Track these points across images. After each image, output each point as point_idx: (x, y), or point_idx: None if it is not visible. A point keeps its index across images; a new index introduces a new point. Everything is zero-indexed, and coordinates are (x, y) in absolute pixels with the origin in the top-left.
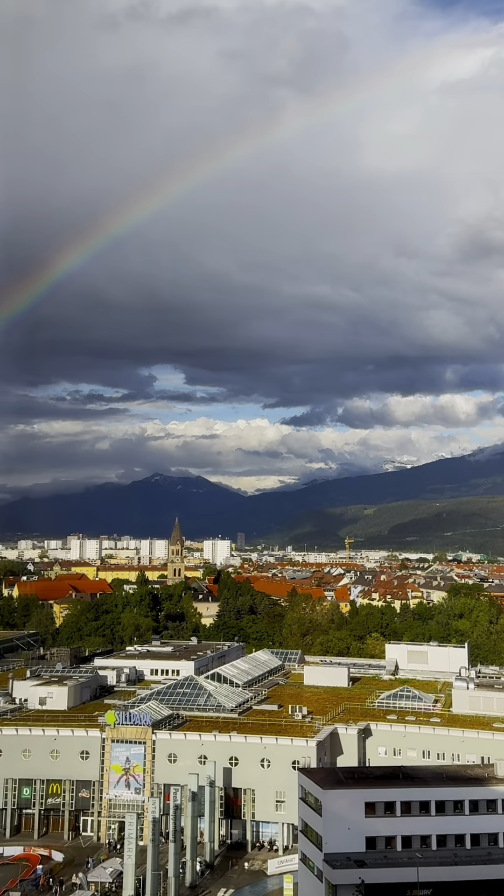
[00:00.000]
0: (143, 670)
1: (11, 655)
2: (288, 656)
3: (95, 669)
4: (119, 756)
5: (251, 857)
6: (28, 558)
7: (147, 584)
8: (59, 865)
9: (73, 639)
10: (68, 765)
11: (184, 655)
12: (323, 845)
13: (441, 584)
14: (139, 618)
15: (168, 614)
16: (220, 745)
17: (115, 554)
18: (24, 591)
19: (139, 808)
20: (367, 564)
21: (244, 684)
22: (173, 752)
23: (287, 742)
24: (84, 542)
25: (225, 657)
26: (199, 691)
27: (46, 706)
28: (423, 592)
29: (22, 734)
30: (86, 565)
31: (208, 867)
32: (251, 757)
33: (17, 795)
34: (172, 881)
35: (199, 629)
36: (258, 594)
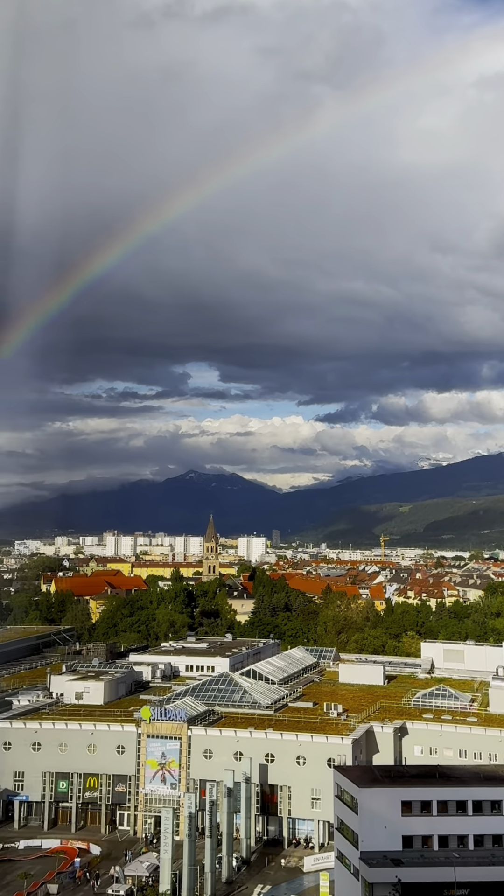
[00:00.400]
0: (178, 666)
1: (48, 650)
2: (323, 654)
3: (131, 665)
4: (155, 751)
5: (287, 853)
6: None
7: (182, 580)
8: (97, 858)
9: (108, 634)
10: (105, 759)
11: (219, 652)
12: (359, 843)
13: (477, 583)
14: (174, 614)
15: (203, 611)
16: (256, 741)
17: (150, 550)
18: (61, 586)
19: (175, 804)
20: (403, 562)
21: (279, 681)
22: (209, 748)
23: (322, 740)
24: (119, 539)
25: (260, 654)
26: (235, 688)
27: (83, 701)
28: (459, 591)
29: (59, 728)
30: (121, 562)
31: (245, 863)
32: (287, 754)
33: (55, 788)
34: (209, 876)
35: (233, 626)
36: (293, 591)
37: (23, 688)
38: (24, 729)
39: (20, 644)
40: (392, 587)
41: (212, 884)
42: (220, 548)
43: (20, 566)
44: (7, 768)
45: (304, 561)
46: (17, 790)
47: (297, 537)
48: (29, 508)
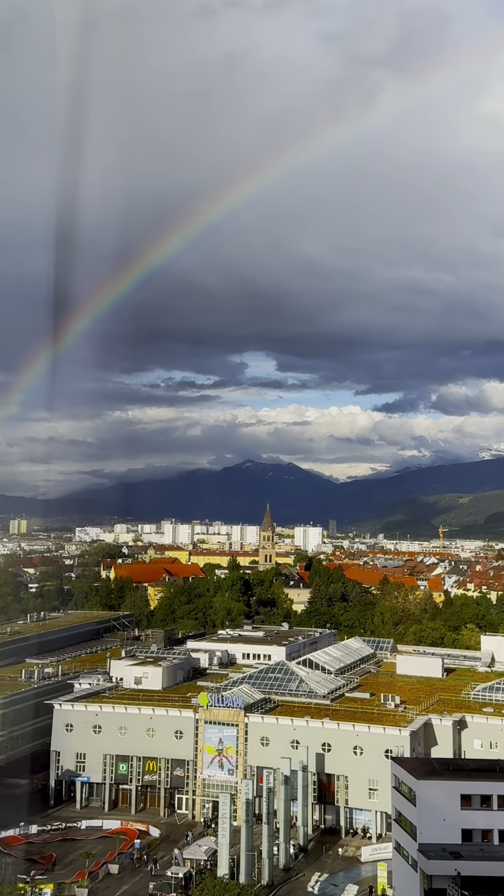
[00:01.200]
0: (234, 654)
1: (108, 635)
2: (380, 645)
3: (188, 651)
4: (212, 737)
5: (345, 843)
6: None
7: (238, 569)
8: (156, 841)
9: (166, 621)
10: (163, 743)
11: (275, 641)
12: (417, 835)
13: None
14: (231, 602)
15: (259, 599)
16: (313, 730)
17: (207, 539)
18: (120, 573)
19: (232, 789)
20: (462, 554)
21: (336, 671)
22: (265, 735)
23: (380, 730)
24: (177, 527)
25: (316, 644)
26: (291, 677)
27: (142, 686)
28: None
29: (118, 711)
30: (178, 550)
31: (302, 851)
32: (343, 744)
33: (115, 771)
34: (266, 862)
35: (290, 615)
36: (350, 582)
37: (84, 671)
38: (85, 712)
39: (81, 629)
40: (451, 579)
41: (269, 870)
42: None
43: (81, 552)
44: (69, 750)
45: (360, 551)
46: (78, 771)
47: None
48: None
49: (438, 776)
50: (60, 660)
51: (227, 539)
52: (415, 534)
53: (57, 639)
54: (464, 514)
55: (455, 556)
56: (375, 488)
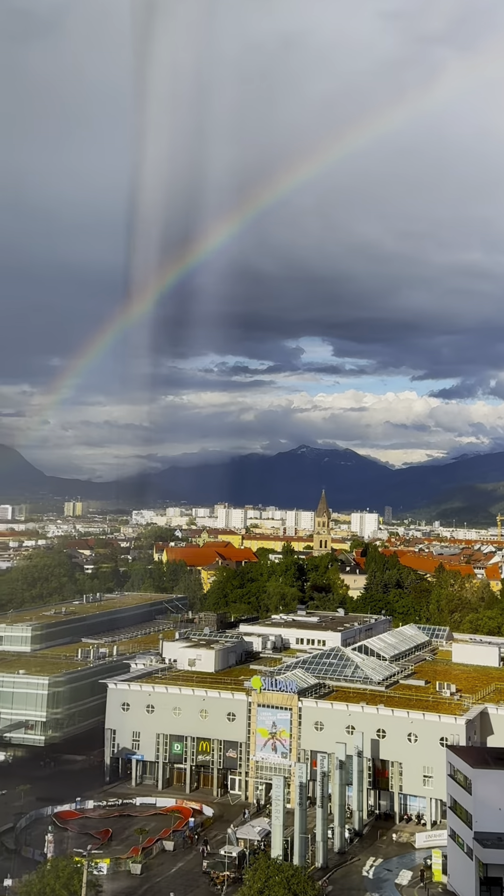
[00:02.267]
0: (288, 639)
1: (161, 617)
2: (435, 632)
3: (241, 635)
4: (265, 720)
5: (399, 829)
6: (176, 525)
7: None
8: (209, 820)
9: (219, 604)
10: (216, 725)
11: (330, 626)
12: (473, 824)
13: None
14: (285, 587)
15: (314, 585)
16: (368, 716)
17: (260, 524)
18: (173, 556)
19: (286, 772)
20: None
21: (391, 658)
22: (320, 720)
23: (435, 718)
24: (230, 511)
25: (371, 630)
26: (346, 662)
27: (195, 668)
28: None
29: (172, 692)
30: (231, 534)
31: (357, 835)
32: (398, 730)
33: (169, 750)
34: (321, 845)
35: (345, 601)
36: (405, 569)
37: (138, 652)
38: (139, 691)
39: (135, 610)
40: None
41: (324, 853)
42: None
43: (136, 535)
44: (124, 728)
45: (416, 538)
46: (133, 749)
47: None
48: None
49: (495, 766)
50: (115, 640)
51: (280, 524)
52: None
53: (112, 620)
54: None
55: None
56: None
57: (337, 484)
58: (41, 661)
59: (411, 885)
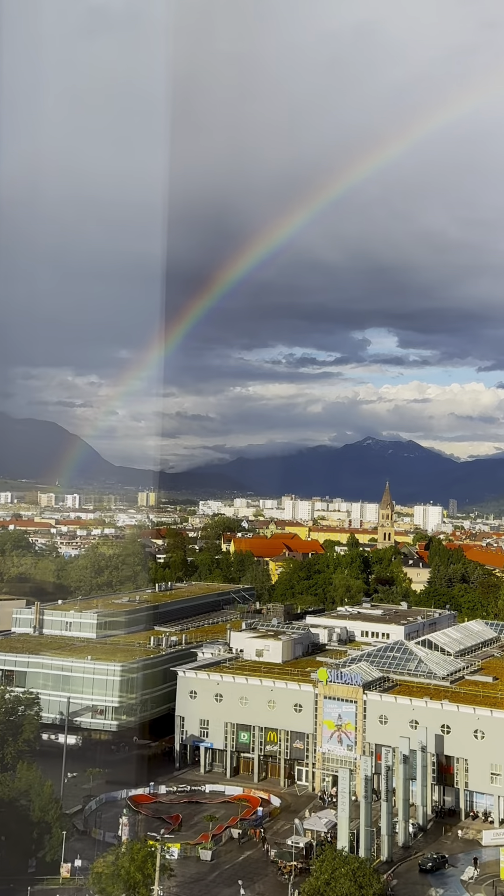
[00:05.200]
0: (353, 631)
1: (228, 607)
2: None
3: (307, 627)
4: (331, 712)
5: (464, 825)
6: (243, 516)
7: (358, 546)
8: (277, 810)
9: (286, 596)
10: (283, 715)
11: (394, 620)
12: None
13: None
14: (350, 579)
15: (378, 578)
16: (432, 711)
17: (327, 516)
18: (240, 547)
19: (351, 765)
20: None
21: (456, 653)
22: (384, 713)
23: (502, 715)
24: (297, 503)
25: (435, 625)
26: (410, 656)
27: (262, 658)
28: None
29: (239, 682)
30: (298, 525)
31: (421, 830)
32: (464, 726)
33: (237, 739)
34: (386, 839)
35: (408, 595)
36: (471, 563)
37: (206, 641)
38: (208, 680)
39: (203, 600)
40: None
41: (389, 846)
42: (395, 515)
43: (204, 525)
44: (193, 716)
45: (483, 532)
46: (202, 737)
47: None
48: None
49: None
50: (184, 629)
51: (346, 516)
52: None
53: (181, 608)
54: None
55: None
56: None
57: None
58: (110, 648)
59: (478, 882)
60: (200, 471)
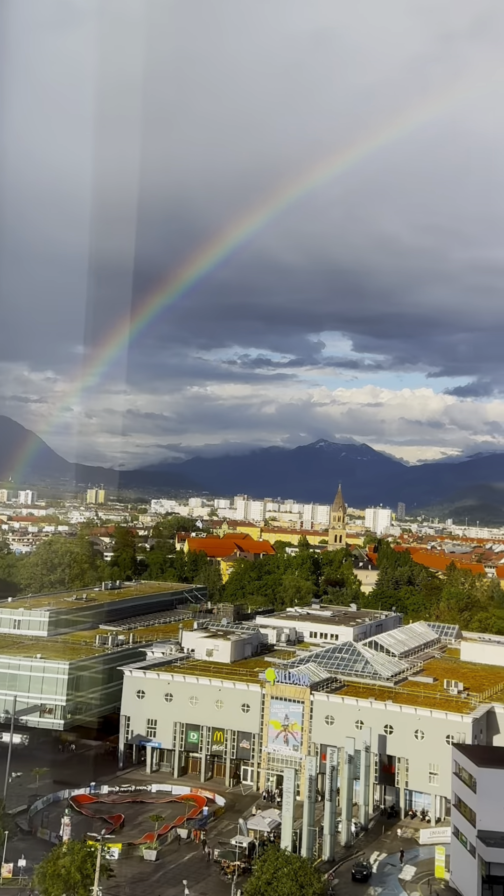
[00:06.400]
0: (302, 632)
1: (181, 606)
2: (445, 630)
3: (257, 627)
4: (278, 713)
5: (404, 824)
6: (198, 515)
7: (308, 548)
8: (222, 809)
9: (236, 596)
10: (231, 715)
11: (343, 621)
12: (476, 822)
13: None
14: (300, 581)
15: (328, 579)
16: (376, 712)
17: (279, 517)
18: (193, 546)
19: (296, 765)
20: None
21: (400, 654)
22: (330, 714)
23: (442, 716)
24: (249, 503)
25: (382, 626)
26: (357, 657)
27: (212, 658)
28: None
29: (190, 682)
30: (250, 526)
31: (363, 829)
32: (405, 727)
33: (185, 739)
34: (328, 838)
35: (357, 596)
36: (417, 566)
37: (156, 641)
38: (157, 680)
39: (154, 599)
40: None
41: (331, 846)
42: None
43: (156, 524)
44: (140, 715)
45: (428, 536)
46: (149, 737)
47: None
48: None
49: (500, 765)
50: (133, 628)
51: (298, 517)
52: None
53: (131, 607)
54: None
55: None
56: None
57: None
58: (59, 647)
59: (414, 881)
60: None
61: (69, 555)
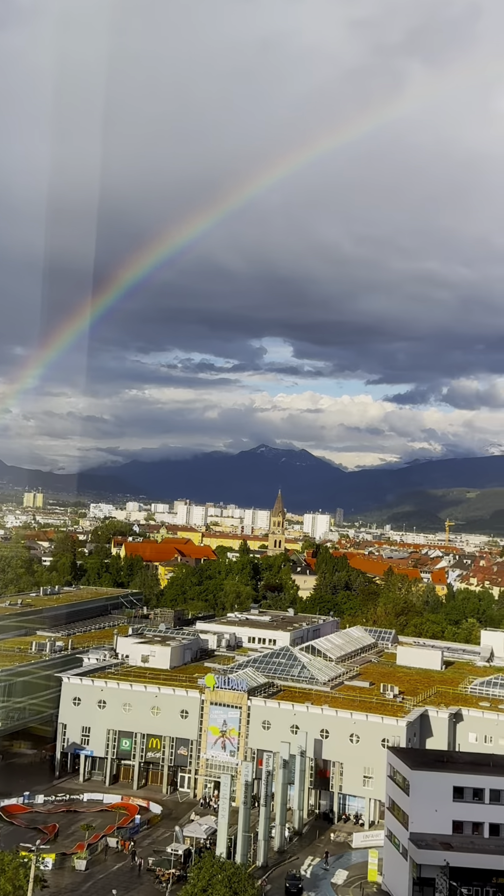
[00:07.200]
0: (241, 637)
1: (116, 612)
2: (381, 635)
3: (197, 632)
4: (217, 718)
5: (337, 828)
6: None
7: (249, 553)
8: (157, 817)
9: (176, 601)
10: (168, 722)
11: (281, 626)
12: (409, 824)
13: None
14: (241, 586)
15: (267, 584)
16: (312, 716)
17: (220, 522)
18: (131, 551)
19: (233, 771)
20: (467, 549)
21: (337, 659)
22: (267, 719)
23: (377, 720)
24: (190, 508)
25: (319, 631)
26: (294, 662)
27: (148, 664)
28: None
29: (124, 688)
30: (191, 531)
31: (297, 834)
32: (341, 731)
33: (118, 746)
34: (262, 844)
35: (296, 601)
36: (354, 571)
37: (93, 647)
38: (91, 686)
39: (91, 604)
40: (454, 573)
41: (265, 852)
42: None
43: (94, 528)
44: (75, 723)
45: (366, 541)
46: (83, 745)
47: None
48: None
49: (432, 768)
50: (70, 634)
51: (239, 523)
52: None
53: (68, 613)
54: (470, 508)
55: (460, 550)
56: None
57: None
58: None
59: (346, 885)
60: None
61: (4, 560)
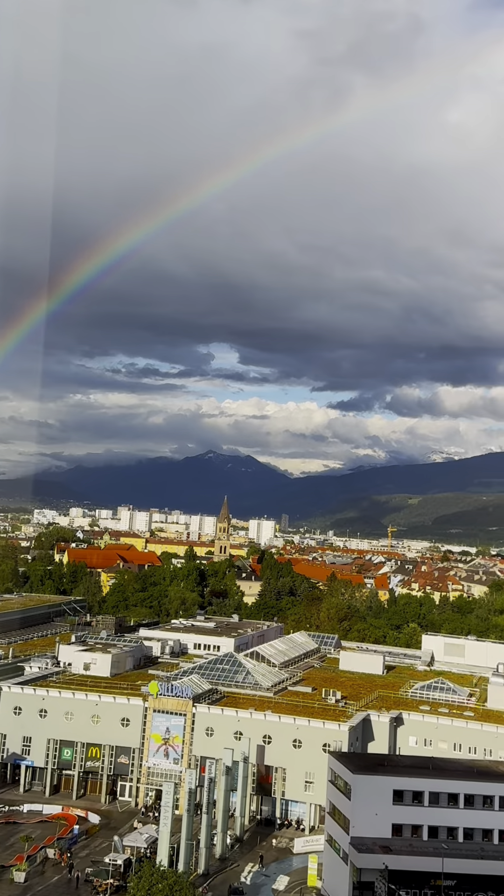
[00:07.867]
0: (186, 644)
1: (59, 620)
2: (325, 640)
3: (141, 639)
4: (160, 726)
5: (279, 834)
6: (78, 526)
7: (194, 559)
8: (96, 827)
9: (119, 608)
10: (108, 730)
11: (225, 632)
12: (350, 829)
13: (483, 579)
14: (186, 592)
15: (213, 590)
16: (256, 722)
17: (165, 528)
18: (74, 557)
19: (177, 778)
20: (409, 554)
21: (281, 665)
22: (211, 726)
23: (319, 725)
24: (134, 514)
25: (264, 636)
26: (238, 668)
27: (90, 672)
28: (463, 585)
29: (65, 697)
30: (135, 537)
31: (238, 841)
32: (284, 736)
33: (59, 756)
34: (204, 852)
35: (241, 607)
36: (298, 577)
37: (34, 655)
38: (32, 695)
39: (33, 612)
40: (397, 578)
41: (206, 859)
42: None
43: (38, 535)
44: (16, 733)
45: (310, 547)
46: (24, 755)
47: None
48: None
49: (373, 771)
50: (11, 642)
51: (184, 528)
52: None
53: (8, 621)
54: (413, 514)
55: (402, 555)
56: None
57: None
58: None
59: (287, 891)
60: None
61: None
